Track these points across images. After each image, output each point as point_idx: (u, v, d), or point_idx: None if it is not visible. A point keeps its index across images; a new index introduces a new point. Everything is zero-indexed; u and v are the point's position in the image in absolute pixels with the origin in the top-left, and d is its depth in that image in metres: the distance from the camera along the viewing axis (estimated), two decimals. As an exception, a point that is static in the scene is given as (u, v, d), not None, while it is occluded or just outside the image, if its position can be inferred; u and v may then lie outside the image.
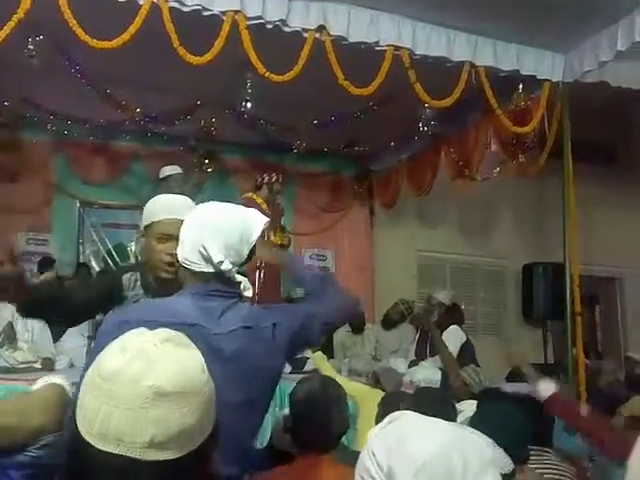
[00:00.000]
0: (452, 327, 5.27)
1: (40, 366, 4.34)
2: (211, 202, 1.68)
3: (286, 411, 1.91)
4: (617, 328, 8.33)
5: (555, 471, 2.27)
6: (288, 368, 4.74)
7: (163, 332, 0.92)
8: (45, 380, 1.35)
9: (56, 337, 4.82)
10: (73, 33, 3.49)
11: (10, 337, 4.39)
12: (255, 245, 1.61)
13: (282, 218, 5.33)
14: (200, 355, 0.92)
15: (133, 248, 6.12)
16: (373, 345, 6.12)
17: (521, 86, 4.67)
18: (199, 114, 5.64)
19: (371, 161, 7.20)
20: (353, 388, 3.56)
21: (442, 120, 5.24)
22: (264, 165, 6.07)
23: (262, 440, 2.15)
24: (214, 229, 1.57)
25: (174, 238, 1.98)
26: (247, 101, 4.71)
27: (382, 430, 1.01)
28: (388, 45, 4.11)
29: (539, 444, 2.35)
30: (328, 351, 5.12)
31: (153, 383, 0.82)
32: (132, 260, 6.06)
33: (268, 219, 1.68)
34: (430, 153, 6.25)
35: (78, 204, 6.40)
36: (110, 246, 6.46)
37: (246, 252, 1.60)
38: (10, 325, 4.39)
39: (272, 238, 4.94)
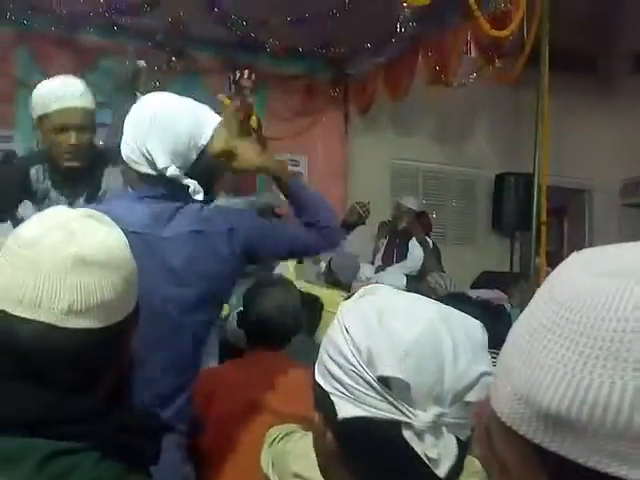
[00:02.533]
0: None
1: None
2: (159, 94, 1.56)
3: (240, 307, 1.93)
4: (584, 239, 8.49)
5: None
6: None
7: (85, 209, 0.92)
8: None
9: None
10: None
11: None
12: (205, 149, 1.51)
13: (251, 117, 5.20)
14: (122, 234, 0.92)
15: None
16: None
17: (502, -12, 4.52)
18: (167, 6, 5.37)
19: (347, 64, 6.99)
20: (312, 291, 3.58)
21: (421, 22, 5.07)
22: (236, 65, 5.86)
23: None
24: (160, 130, 1.46)
25: (71, 127, 2.09)
26: (218, -6, 4.49)
27: (356, 304, 0.83)
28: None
29: (495, 347, 2.43)
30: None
31: (74, 251, 0.82)
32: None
33: (221, 118, 1.57)
34: (407, 57, 6.07)
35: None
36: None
37: (194, 156, 1.51)
38: None
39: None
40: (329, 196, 6.70)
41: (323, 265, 4.68)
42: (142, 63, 4.88)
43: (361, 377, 0.74)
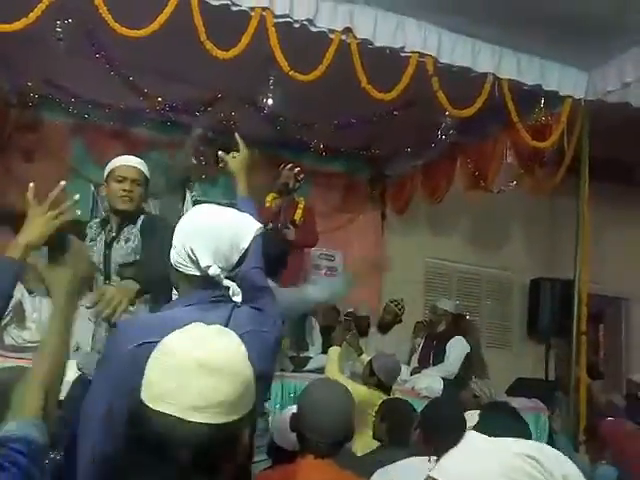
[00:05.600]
0: (456, 337, 5.26)
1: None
2: (205, 205, 1.68)
3: (294, 410, 1.92)
4: (620, 349, 8.29)
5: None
6: (290, 367, 4.76)
7: (217, 327, 1.11)
8: None
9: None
10: (102, 19, 3.51)
11: (19, 316, 4.42)
12: (246, 252, 1.60)
13: (297, 211, 5.31)
14: (242, 345, 1.08)
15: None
16: (373, 349, 6.13)
17: (543, 101, 4.67)
18: (219, 107, 5.66)
19: (386, 165, 7.20)
20: (354, 390, 3.55)
21: (461, 129, 5.23)
22: (280, 162, 6.06)
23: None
24: (203, 233, 1.56)
25: (128, 180, 2.75)
26: (269, 97, 4.72)
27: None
28: (413, 51, 4.12)
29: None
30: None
31: (199, 356, 0.99)
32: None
33: (261, 225, 1.66)
34: (446, 161, 6.24)
35: (93, 187, 6.42)
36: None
37: (236, 258, 1.58)
38: (19, 304, 4.42)
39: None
40: (363, 293, 6.81)
41: (360, 362, 4.63)
42: (194, 160, 5.14)
43: None
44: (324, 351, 4.96)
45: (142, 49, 4.08)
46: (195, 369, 0.98)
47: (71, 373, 2.91)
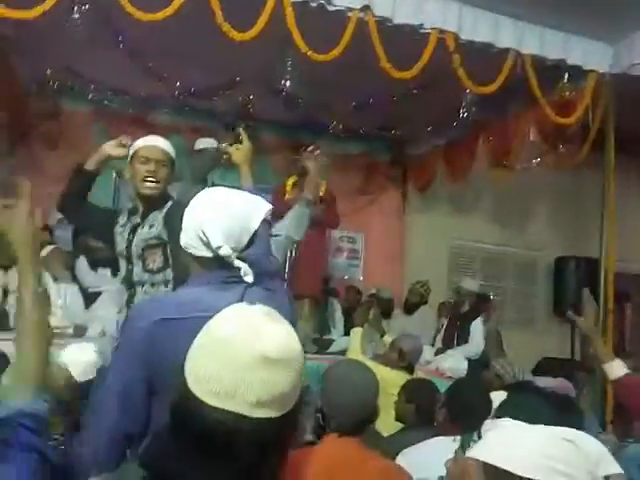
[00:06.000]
0: (479, 318, 5.23)
1: (72, 332, 4.42)
2: (215, 187, 1.69)
3: (316, 393, 1.92)
4: (647, 328, 8.18)
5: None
6: (313, 349, 4.78)
7: (261, 307, 1.05)
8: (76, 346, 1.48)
9: (88, 304, 4.91)
10: (119, 4, 3.50)
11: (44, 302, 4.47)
12: (257, 232, 1.61)
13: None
14: (294, 331, 1.04)
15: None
16: (398, 330, 6.13)
17: (566, 76, 4.58)
18: (238, 91, 5.63)
19: (407, 145, 7.13)
20: (377, 371, 3.54)
21: (483, 107, 5.14)
22: (299, 144, 6.04)
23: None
24: (214, 214, 1.57)
25: (153, 160, 2.64)
26: (287, 79, 4.68)
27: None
28: (433, 28, 4.05)
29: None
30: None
31: (263, 349, 0.94)
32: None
33: (271, 206, 1.67)
34: (468, 140, 6.16)
35: (114, 174, 6.46)
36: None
37: (246, 239, 1.59)
38: (44, 290, 4.46)
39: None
40: (385, 274, 6.78)
41: (382, 343, 4.62)
42: (213, 142, 5.10)
43: None
44: (346, 333, 4.97)
45: (160, 34, 4.07)
46: (258, 363, 0.94)
47: (89, 354, 2.94)
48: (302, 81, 4.75)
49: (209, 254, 1.57)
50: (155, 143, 2.70)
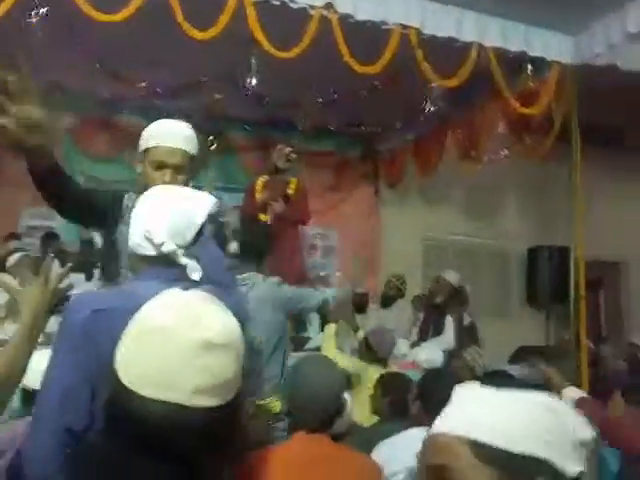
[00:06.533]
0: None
1: (41, 339, 4.35)
2: (160, 187, 1.67)
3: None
4: (621, 313, 8.31)
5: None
6: (290, 347, 4.77)
7: (199, 292, 0.99)
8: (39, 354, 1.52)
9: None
10: (77, 6, 3.46)
11: (14, 311, 4.41)
12: (202, 227, 1.59)
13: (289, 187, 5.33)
14: (234, 317, 0.99)
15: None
16: (375, 325, 6.14)
17: (530, 67, 4.63)
18: (205, 90, 5.60)
19: (377, 141, 7.16)
20: (348, 364, 3.56)
21: (449, 101, 5.19)
22: (269, 143, 6.03)
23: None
24: (157, 210, 1.55)
25: (167, 165, 2.16)
26: (253, 77, 4.67)
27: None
28: (395, 24, 4.06)
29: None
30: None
31: (201, 336, 0.89)
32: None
33: (217, 200, 1.65)
34: (436, 134, 6.21)
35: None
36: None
37: (192, 234, 1.57)
38: (14, 299, 4.40)
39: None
40: (360, 269, 6.78)
41: (356, 338, 4.63)
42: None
43: None
44: (323, 330, 4.97)
45: (120, 35, 4.03)
46: (199, 349, 0.89)
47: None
48: (268, 79, 4.74)
49: (154, 252, 1.54)
50: (175, 145, 2.14)
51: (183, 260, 1.54)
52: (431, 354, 4.73)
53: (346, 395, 2.01)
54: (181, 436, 0.88)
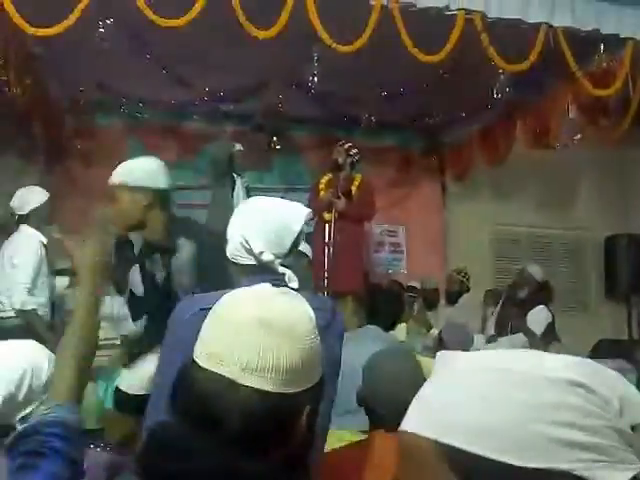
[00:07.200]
0: (538, 307, 5.07)
1: (119, 343, 4.44)
2: (255, 197, 1.78)
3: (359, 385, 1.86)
4: None
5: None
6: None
7: (280, 288, 0.99)
8: None
9: (135, 317, 4.94)
10: (141, 13, 3.51)
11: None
12: (298, 237, 1.65)
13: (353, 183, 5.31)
14: (311, 313, 0.95)
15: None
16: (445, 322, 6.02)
17: (602, 46, 4.41)
18: (266, 92, 5.62)
19: (441, 133, 6.99)
20: (423, 364, 3.45)
21: (517, 86, 5.00)
22: (332, 141, 6.00)
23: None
24: (255, 220, 1.63)
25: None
26: (314, 76, 4.64)
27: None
28: (459, 9, 3.95)
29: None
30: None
31: (259, 313, 0.88)
32: None
33: (310, 210, 1.74)
34: (505, 122, 6.01)
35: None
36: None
37: (288, 244, 1.63)
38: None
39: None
40: (428, 266, 6.67)
41: (432, 336, 4.53)
42: (238, 146, 5.11)
43: None
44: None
45: (185, 41, 4.08)
46: (255, 326, 0.87)
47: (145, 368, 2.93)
48: (330, 76, 4.70)
49: (253, 262, 1.61)
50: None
51: (281, 269, 1.60)
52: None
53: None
54: (230, 416, 0.84)
